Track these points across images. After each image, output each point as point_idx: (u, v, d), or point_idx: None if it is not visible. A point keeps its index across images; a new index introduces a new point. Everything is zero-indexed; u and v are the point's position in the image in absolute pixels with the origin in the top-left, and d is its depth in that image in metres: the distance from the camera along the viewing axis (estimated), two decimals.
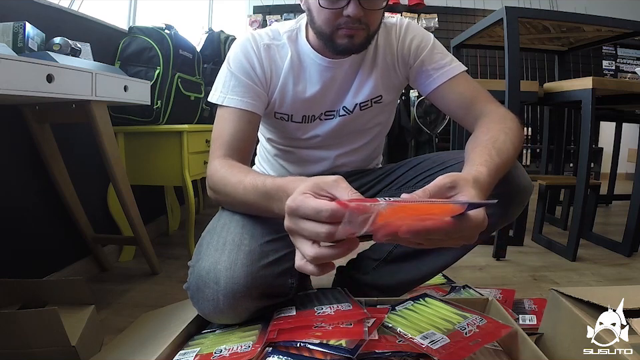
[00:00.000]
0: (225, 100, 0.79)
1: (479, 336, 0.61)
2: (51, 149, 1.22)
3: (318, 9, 0.74)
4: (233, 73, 0.81)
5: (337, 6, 0.73)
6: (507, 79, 1.54)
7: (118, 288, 1.27)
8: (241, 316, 0.67)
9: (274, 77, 0.84)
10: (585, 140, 1.52)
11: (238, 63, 0.81)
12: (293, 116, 0.87)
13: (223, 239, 0.69)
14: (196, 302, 0.68)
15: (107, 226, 1.53)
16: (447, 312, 0.70)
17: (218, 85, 0.82)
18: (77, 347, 0.77)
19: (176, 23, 1.67)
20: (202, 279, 0.66)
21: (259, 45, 0.83)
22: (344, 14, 0.73)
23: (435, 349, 0.57)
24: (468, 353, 0.56)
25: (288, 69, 0.84)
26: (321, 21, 0.76)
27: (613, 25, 1.62)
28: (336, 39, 0.76)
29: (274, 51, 0.84)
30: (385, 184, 0.94)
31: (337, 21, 0.74)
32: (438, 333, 0.61)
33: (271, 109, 0.87)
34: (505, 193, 0.73)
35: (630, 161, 3.40)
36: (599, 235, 1.82)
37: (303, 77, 0.85)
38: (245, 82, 0.80)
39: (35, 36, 1.07)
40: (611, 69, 4.13)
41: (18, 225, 1.15)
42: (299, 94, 0.85)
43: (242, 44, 0.83)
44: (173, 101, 1.59)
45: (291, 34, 0.85)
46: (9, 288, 0.93)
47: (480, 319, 0.66)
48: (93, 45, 1.34)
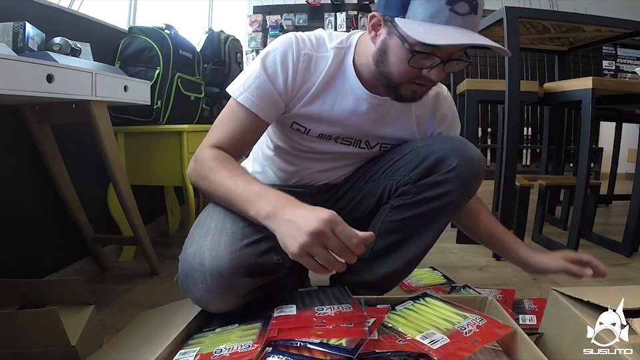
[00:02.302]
0: (241, 96, 0.77)
1: (478, 336, 0.61)
2: (51, 149, 1.21)
3: (399, 60, 0.71)
4: (262, 73, 0.77)
5: (423, 66, 0.71)
6: (507, 79, 1.54)
7: (118, 288, 1.27)
8: (233, 298, 0.67)
9: (303, 89, 0.81)
10: (585, 140, 1.52)
11: (272, 66, 0.78)
12: (310, 130, 0.86)
13: (206, 226, 0.71)
14: (187, 289, 0.69)
15: (107, 226, 1.52)
16: (446, 312, 0.70)
17: (243, 77, 0.79)
18: (77, 347, 0.77)
19: (176, 22, 1.67)
20: (188, 263, 0.67)
21: (300, 54, 0.79)
22: (423, 72, 0.72)
23: (434, 348, 0.57)
24: (468, 353, 0.57)
25: (321, 84, 0.81)
26: (396, 71, 0.73)
27: (613, 25, 1.62)
28: (401, 90, 0.75)
29: (313, 62, 0.80)
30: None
31: (413, 76, 0.73)
32: (438, 333, 0.61)
33: (289, 118, 0.85)
34: (458, 168, 0.80)
35: (630, 161, 3.40)
36: (598, 235, 1.82)
37: (334, 97, 0.83)
38: (269, 88, 0.77)
39: (34, 36, 1.07)
40: (610, 69, 4.13)
41: (18, 225, 1.14)
42: (324, 112, 0.83)
43: (284, 47, 0.79)
44: (173, 101, 1.59)
45: (339, 51, 0.82)
46: (9, 288, 0.93)
47: (480, 319, 0.66)
48: (93, 45, 1.34)
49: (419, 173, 0.84)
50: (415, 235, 0.86)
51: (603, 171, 3.54)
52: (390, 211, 0.87)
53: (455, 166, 0.80)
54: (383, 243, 0.88)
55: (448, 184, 0.81)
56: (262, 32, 4.17)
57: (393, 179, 0.88)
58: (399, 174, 0.87)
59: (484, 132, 4.04)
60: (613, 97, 1.70)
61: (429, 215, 0.84)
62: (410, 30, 0.66)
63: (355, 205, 0.96)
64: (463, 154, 0.82)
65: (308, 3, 4.08)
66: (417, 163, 0.84)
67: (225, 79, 2.07)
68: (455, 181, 0.81)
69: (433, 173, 0.82)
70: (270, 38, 4.12)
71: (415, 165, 0.84)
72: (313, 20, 4.17)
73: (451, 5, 0.65)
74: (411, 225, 0.86)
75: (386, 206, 0.88)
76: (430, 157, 0.83)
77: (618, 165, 2.55)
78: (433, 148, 0.84)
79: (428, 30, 0.66)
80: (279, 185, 0.96)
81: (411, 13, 0.68)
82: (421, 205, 0.83)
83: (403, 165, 0.87)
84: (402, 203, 0.85)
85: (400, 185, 0.86)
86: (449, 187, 0.81)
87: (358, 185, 0.95)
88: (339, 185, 0.98)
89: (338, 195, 0.98)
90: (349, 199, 0.97)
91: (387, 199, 0.89)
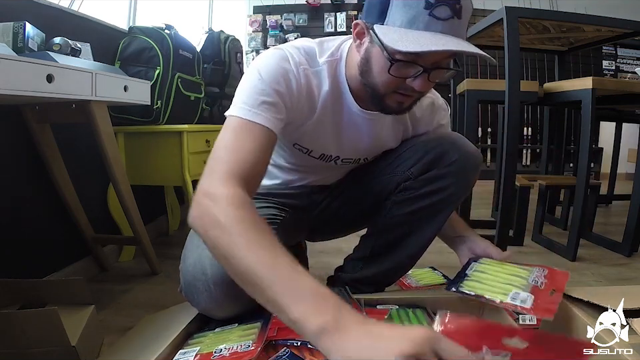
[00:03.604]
0: (249, 114, 0.65)
1: (552, 286, 0.66)
2: (51, 149, 1.21)
3: (381, 69, 0.67)
4: (266, 87, 0.68)
5: (406, 76, 0.67)
6: (507, 79, 1.54)
7: (118, 288, 1.27)
8: (238, 303, 0.67)
9: (305, 110, 0.76)
10: (585, 140, 1.51)
11: (275, 80, 0.69)
12: (312, 151, 0.85)
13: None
14: (192, 299, 0.68)
15: (107, 226, 1.52)
16: (511, 268, 0.74)
17: (242, 96, 0.68)
18: (77, 347, 0.77)
19: (176, 23, 1.67)
20: (190, 274, 0.67)
21: (299, 69, 0.72)
22: (407, 82, 0.67)
23: (528, 307, 0.61)
24: (556, 305, 0.61)
25: (323, 106, 0.77)
26: (380, 81, 0.68)
27: (613, 25, 1.62)
28: (386, 100, 0.71)
29: (310, 78, 0.75)
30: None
31: (397, 86, 0.68)
32: (521, 292, 0.64)
33: (291, 139, 0.82)
34: (458, 162, 0.82)
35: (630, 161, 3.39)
36: (598, 235, 1.82)
37: (335, 121, 0.80)
38: (277, 101, 0.69)
39: (34, 36, 1.07)
40: (610, 69, 4.13)
41: (18, 225, 1.14)
42: (326, 136, 0.82)
43: (282, 62, 0.71)
44: (173, 101, 1.59)
45: (331, 65, 0.76)
46: (9, 288, 0.93)
47: (542, 270, 0.71)
48: (93, 45, 1.34)
49: (420, 168, 0.85)
50: (417, 229, 0.88)
51: (603, 170, 3.53)
52: (392, 206, 0.88)
53: (455, 160, 0.82)
54: (385, 239, 0.90)
55: (449, 177, 0.83)
56: (262, 32, 4.17)
57: (394, 176, 0.89)
58: (399, 171, 0.88)
59: (484, 132, 4.04)
60: (613, 97, 1.69)
61: (431, 209, 0.86)
62: (385, 36, 0.62)
63: (353, 202, 0.96)
64: (462, 148, 0.84)
65: (308, 2, 4.08)
66: (417, 159, 0.85)
67: (225, 79, 2.07)
68: (456, 174, 0.83)
69: (433, 168, 0.84)
70: (270, 38, 4.12)
71: (415, 160, 0.86)
72: (313, 20, 4.17)
73: (430, 9, 0.60)
74: (413, 219, 0.87)
75: (388, 202, 0.89)
76: (430, 152, 0.84)
77: (618, 164, 2.55)
78: (432, 144, 0.85)
79: (403, 36, 0.60)
80: (272, 189, 0.95)
81: (389, 19, 0.63)
82: (423, 199, 0.85)
83: (403, 162, 0.88)
84: (404, 198, 0.86)
85: (401, 181, 0.87)
86: (450, 180, 0.83)
87: (356, 183, 0.96)
88: (335, 183, 0.98)
89: (335, 193, 0.98)
90: (346, 197, 0.97)
91: (387, 196, 0.89)
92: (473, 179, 0.88)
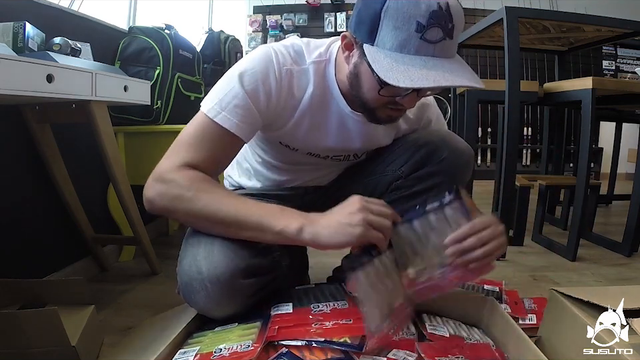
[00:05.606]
0: (219, 115, 0.69)
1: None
2: (51, 149, 1.21)
3: (371, 87, 0.67)
4: (240, 91, 0.70)
5: (396, 95, 0.67)
6: (507, 79, 1.54)
7: (118, 288, 1.27)
8: (235, 301, 0.67)
9: (287, 111, 0.76)
10: (585, 140, 1.52)
11: (253, 83, 0.70)
12: (298, 150, 0.84)
13: (197, 239, 0.70)
14: (189, 299, 0.69)
15: (107, 226, 1.52)
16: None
17: (218, 93, 0.71)
18: (77, 347, 0.77)
19: (176, 23, 1.67)
20: (186, 274, 0.67)
21: (281, 70, 0.72)
22: (396, 99, 0.68)
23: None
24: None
25: (306, 106, 0.77)
26: (370, 97, 0.69)
27: (613, 25, 1.62)
28: (377, 113, 0.72)
29: (294, 78, 0.75)
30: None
31: (387, 102, 0.69)
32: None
33: (275, 137, 0.82)
34: (448, 158, 0.83)
35: (630, 161, 3.40)
36: (598, 235, 1.82)
37: (321, 121, 0.80)
38: (250, 107, 0.70)
39: (34, 36, 1.07)
40: (610, 69, 4.13)
41: (18, 225, 1.14)
42: (311, 136, 0.80)
43: (264, 63, 0.72)
44: (173, 101, 1.59)
45: (318, 65, 0.76)
46: (9, 288, 0.93)
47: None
48: (93, 45, 1.34)
49: (411, 167, 0.85)
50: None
51: (603, 170, 3.54)
52: None
53: (445, 157, 0.83)
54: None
55: (440, 175, 0.83)
56: (262, 32, 4.17)
57: (385, 175, 0.89)
58: (390, 170, 0.88)
59: (484, 132, 4.04)
60: (613, 97, 1.70)
61: None
62: (375, 63, 0.61)
63: None
64: (452, 145, 0.84)
65: (308, 3, 4.08)
66: (407, 158, 0.86)
67: None
68: (447, 172, 0.83)
69: (424, 166, 0.84)
70: (270, 38, 4.12)
71: (406, 159, 0.86)
72: (313, 20, 4.17)
73: (421, 33, 0.58)
74: None
75: None
76: (420, 150, 0.84)
77: (618, 164, 2.55)
78: (422, 142, 0.85)
79: (394, 65, 0.59)
80: (264, 191, 0.94)
81: (379, 40, 0.61)
82: (414, 197, 0.84)
83: (393, 161, 0.88)
84: (396, 197, 0.86)
85: (392, 180, 0.87)
86: (441, 177, 0.83)
87: (348, 184, 0.95)
88: (327, 185, 0.98)
89: (327, 194, 0.97)
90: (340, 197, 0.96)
91: (379, 196, 0.88)
92: (465, 175, 0.87)
